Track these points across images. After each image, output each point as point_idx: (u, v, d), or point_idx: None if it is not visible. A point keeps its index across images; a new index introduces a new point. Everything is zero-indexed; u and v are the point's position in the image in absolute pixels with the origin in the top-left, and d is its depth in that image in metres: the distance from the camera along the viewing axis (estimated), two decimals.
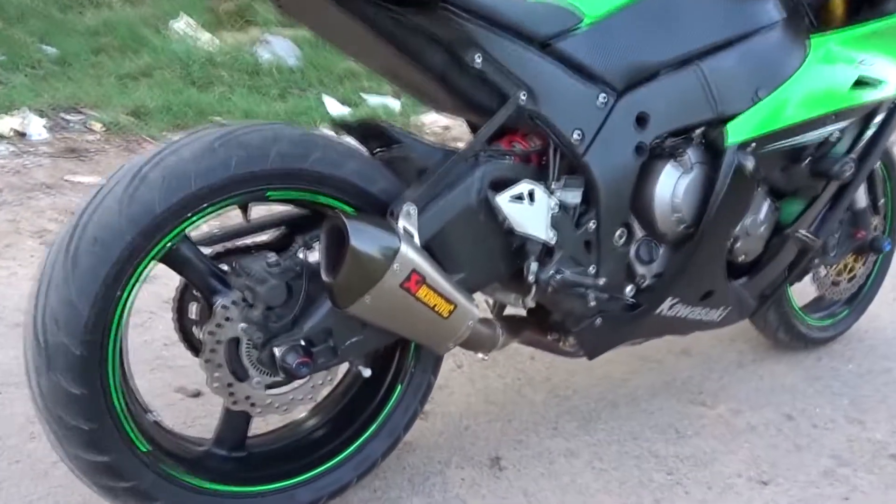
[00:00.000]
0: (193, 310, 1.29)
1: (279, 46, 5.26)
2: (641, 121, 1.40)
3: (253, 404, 1.22)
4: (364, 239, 1.09)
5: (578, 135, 1.34)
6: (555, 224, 1.34)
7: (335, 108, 4.59)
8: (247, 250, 1.27)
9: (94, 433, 1.08)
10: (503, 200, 1.28)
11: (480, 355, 1.42)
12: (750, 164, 1.45)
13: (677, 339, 2.13)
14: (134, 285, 1.09)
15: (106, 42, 5.22)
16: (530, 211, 1.30)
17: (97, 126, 3.82)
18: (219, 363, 1.17)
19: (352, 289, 1.12)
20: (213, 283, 1.18)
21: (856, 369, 2.06)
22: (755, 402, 1.86)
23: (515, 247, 1.34)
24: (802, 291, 2.07)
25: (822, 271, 2.03)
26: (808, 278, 1.95)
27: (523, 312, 1.52)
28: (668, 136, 1.45)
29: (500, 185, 1.30)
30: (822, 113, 1.54)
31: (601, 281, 1.34)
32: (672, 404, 1.83)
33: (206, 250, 1.22)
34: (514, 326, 1.48)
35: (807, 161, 1.58)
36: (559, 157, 1.36)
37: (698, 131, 1.47)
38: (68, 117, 3.91)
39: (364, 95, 4.93)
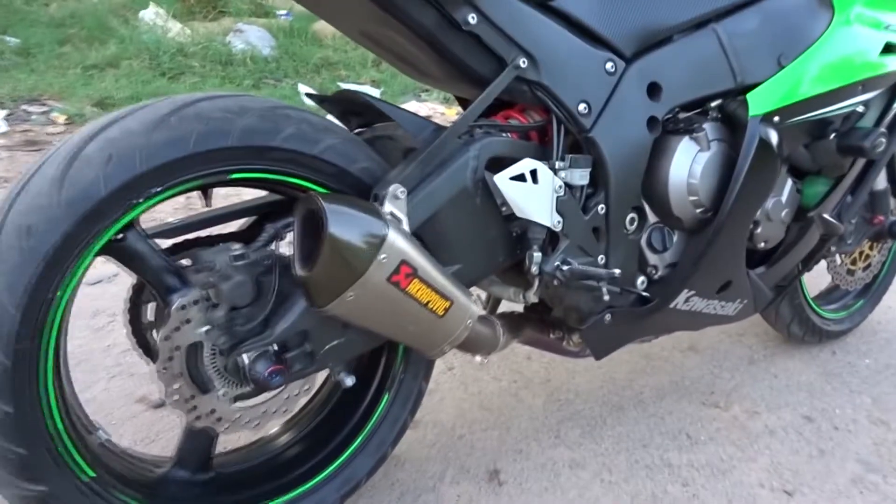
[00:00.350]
0: (149, 311, 1.12)
1: (253, 36, 5.08)
2: (654, 91, 1.25)
3: (218, 419, 1.05)
4: (344, 224, 0.92)
5: (584, 107, 1.19)
6: (560, 208, 1.18)
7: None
8: (210, 242, 1.10)
9: (26, 459, 0.91)
10: (502, 181, 1.12)
11: (478, 358, 1.26)
12: (775, 137, 1.31)
13: (683, 334, 2.00)
14: (72, 283, 0.92)
15: (72, 33, 5.02)
16: (533, 193, 1.15)
17: (60, 118, 3.62)
18: (177, 373, 1.00)
19: (331, 284, 0.95)
20: (170, 280, 1.01)
21: (873, 364, 1.93)
22: (771, 403, 1.72)
23: (516, 234, 1.19)
24: (811, 282, 1.94)
25: (837, 259, 1.89)
26: (819, 268, 1.81)
27: (521, 308, 1.37)
28: (682, 110, 1.30)
29: (498, 164, 1.14)
30: (850, 82, 1.40)
31: (616, 272, 1.18)
32: (683, 406, 1.68)
33: (163, 243, 1.05)
34: (513, 324, 1.32)
35: (832, 136, 1.44)
36: (563, 133, 1.20)
37: (715, 103, 1.32)
38: (30, 109, 3.71)
39: (341, 85, 4.76)
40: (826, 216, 1.51)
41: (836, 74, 1.38)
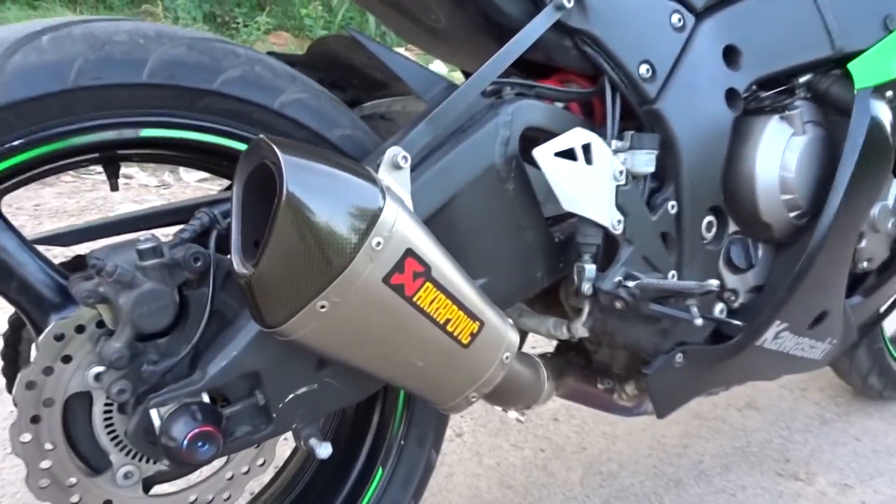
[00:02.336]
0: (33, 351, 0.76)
1: None
2: (731, 56, 0.95)
3: None
4: (313, 186, 0.56)
5: (647, 69, 0.88)
6: (621, 202, 0.85)
7: None
8: None
9: None
10: (544, 157, 0.78)
11: (513, 414, 0.89)
12: (890, 117, 1.00)
13: (737, 389, 1.64)
14: None
15: None
16: (586, 177, 0.81)
17: None
18: (50, 443, 0.64)
19: (291, 286, 0.57)
20: (46, 296, 0.65)
21: None
22: (861, 473, 1.37)
23: (559, 241, 0.86)
24: None
25: None
26: None
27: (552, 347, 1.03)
28: (766, 82, 0.99)
29: (534, 139, 0.81)
30: None
31: (713, 283, 0.83)
32: (755, 479, 1.32)
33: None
34: (555, 368, 0.97)
35: None
36: (619, 104, 0.88)
37: (806, 77, 1.01)
38: None
39: None
40: None
41: None
